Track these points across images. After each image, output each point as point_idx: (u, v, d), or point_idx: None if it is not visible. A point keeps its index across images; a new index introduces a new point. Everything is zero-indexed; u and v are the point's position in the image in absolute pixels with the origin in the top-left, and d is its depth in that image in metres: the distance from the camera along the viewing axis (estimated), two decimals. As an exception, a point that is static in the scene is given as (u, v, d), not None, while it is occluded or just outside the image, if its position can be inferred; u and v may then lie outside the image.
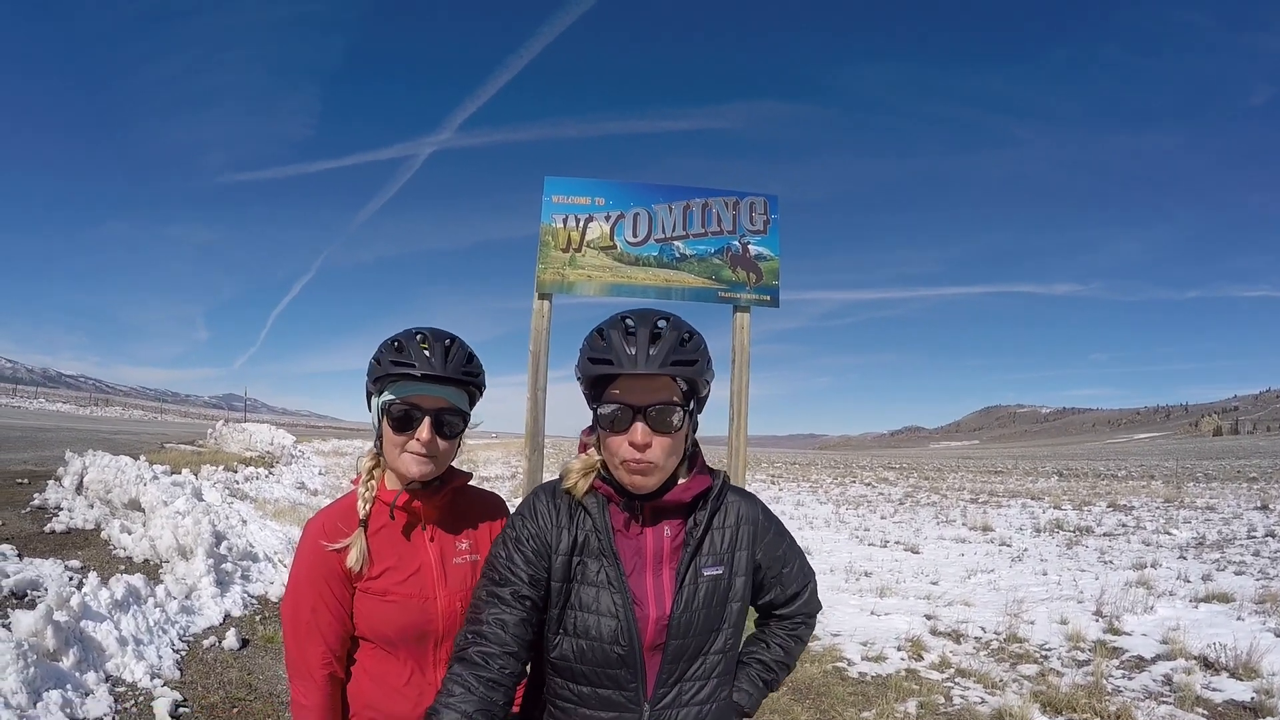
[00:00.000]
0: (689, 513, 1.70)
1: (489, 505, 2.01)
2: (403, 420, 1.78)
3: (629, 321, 1.64)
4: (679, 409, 1.61)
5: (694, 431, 1.73)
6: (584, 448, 1.75)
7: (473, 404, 1.91)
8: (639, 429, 1.58)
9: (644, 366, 1.56)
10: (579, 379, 1.69)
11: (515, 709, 1.77)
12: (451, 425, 1.82)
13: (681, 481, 1.70)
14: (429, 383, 1.77)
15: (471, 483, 1.99)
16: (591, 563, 1.64)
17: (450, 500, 1.91)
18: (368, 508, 1.81)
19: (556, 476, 1.75)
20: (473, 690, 1.52)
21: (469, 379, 1.83)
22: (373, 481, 1.85)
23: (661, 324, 1.63)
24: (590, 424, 1.72)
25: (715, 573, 1.68)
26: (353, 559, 1.75)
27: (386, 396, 1.81)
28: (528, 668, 1.70)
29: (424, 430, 1.77)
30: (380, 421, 1.82)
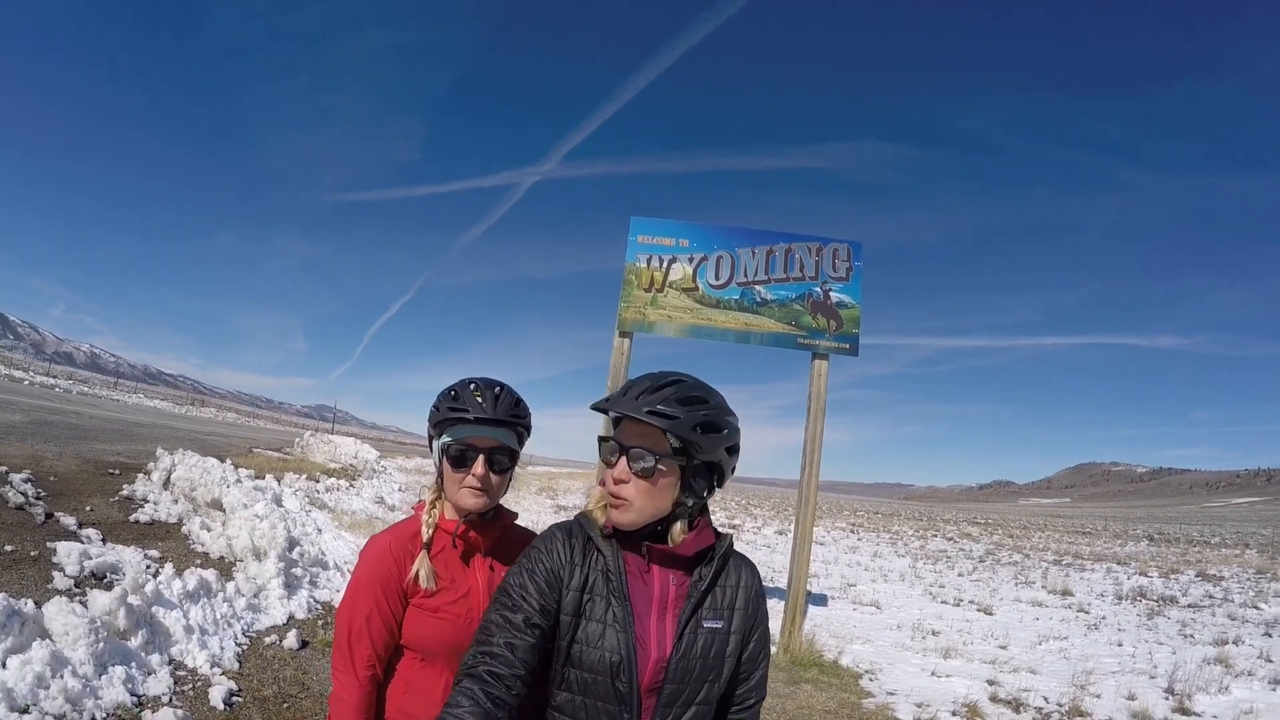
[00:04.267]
0: (694, 566, 1.78)
1: (530, 541, 2.18)
2: (459, 459, 2.00)
3: (645, 375, 1.78)
4: (654, 456, 1.68)
5: (697, 495, 1.77)
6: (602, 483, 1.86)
7: (521, 443, 2.11)
8: (620, 464, 1.71)
9: (617, 406, 1.70)
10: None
11: None
12: (501, 462, 2.04)
13: (685, 536, 1.76)
14: (481, 425, 1.99)
15: (524, 518, 2.23)
16: (599, 601, 1.72)
17: (501, 534, 2.13)
18: (430, 532, 2.04)
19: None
20: (480, 704, 1.57)
21: (516, 420, 2.05)
22: (435, 510, 2.08)
23: (671, 381, 1.73)
24: None
25: (715, 625, 1.77)
26: (423, 577, 1.97)
27: (445, 439, 2.03)
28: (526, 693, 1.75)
29: (478, 466, 1.99)
30: (440, 461, 2.06)
